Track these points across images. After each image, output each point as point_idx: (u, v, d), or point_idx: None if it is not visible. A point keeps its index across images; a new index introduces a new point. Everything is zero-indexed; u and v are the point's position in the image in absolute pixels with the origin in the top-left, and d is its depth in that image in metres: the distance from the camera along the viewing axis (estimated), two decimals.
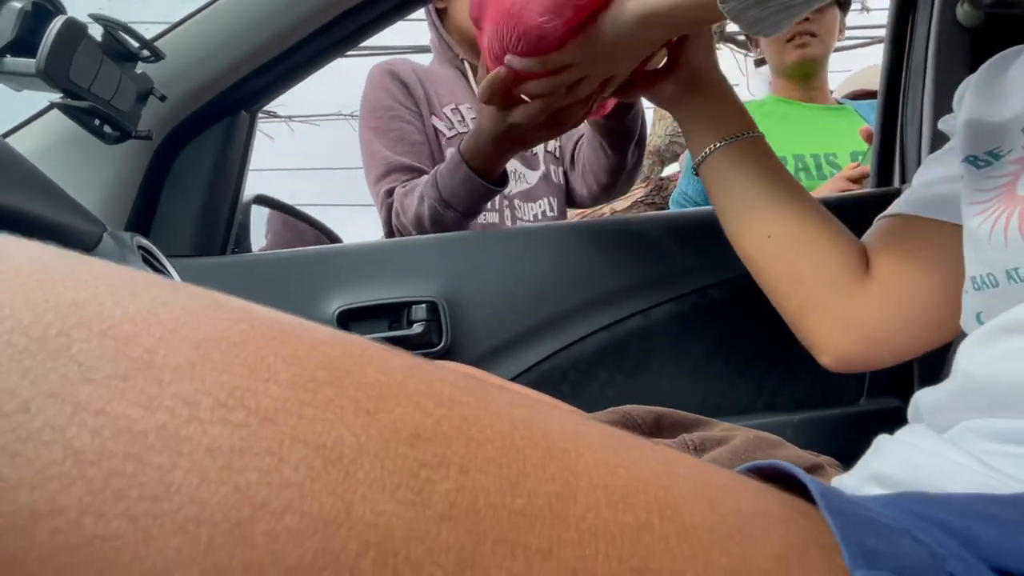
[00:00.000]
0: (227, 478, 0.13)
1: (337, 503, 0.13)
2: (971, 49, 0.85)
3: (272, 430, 0.14)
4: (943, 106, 0.86)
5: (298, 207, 1.16)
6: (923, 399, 0.37)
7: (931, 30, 0.88)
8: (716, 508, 0.17)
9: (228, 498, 0.13)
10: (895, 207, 0.57)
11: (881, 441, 0.36)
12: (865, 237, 0.60)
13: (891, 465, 0.33)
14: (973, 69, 0.89)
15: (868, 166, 1.03)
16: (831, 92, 1.49)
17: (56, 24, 0.59)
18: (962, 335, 0.40)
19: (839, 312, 0.55)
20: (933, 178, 0.54)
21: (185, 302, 0.16)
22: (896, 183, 0.92)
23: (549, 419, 0.18)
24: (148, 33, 0.78)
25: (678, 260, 0.84)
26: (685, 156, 1.42)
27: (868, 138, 1.00)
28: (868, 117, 1.33)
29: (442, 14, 1.18)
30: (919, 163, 0.88)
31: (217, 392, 0.14)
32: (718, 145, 0.60)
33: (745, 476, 0.20)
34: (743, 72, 4.29)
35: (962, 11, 0.85)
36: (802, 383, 0.82)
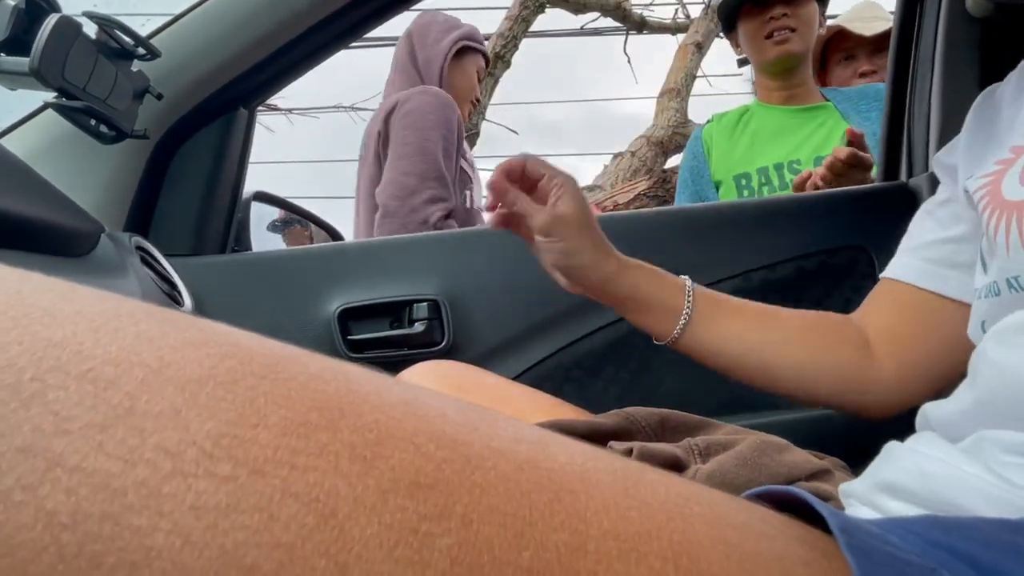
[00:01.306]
0: (212, 539, 0.12)
1: (330, 565, 0.13)
2: (980, 40, 0.84)
3: (262, 483, 0.13)
4: (951, 98, 0.85)
5: (299, 199, 1.15)
6: (933, 411, 0.37)
7: (940, 20, 0.86)
8: (733, 554, 0.16)
9: (213, 562, 0.12)
10: (898, 270, 0.55)
11: (891, 447, 0.35)
12: (869, 302, 0.58)
13: (902, 474, 0.32)
14: (983, 60, 0.88)
15: (848, 149, 0.98)
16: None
17: (50, 22, 0.58)
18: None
19: (864, 405, 0.56)
20: (932, 239, 0.53)
21: (172, 337, 0.15)
22: (903, 176, 0.90)
23: (556, 454, 0.17)
24: (152, 25, 0.77)
25: (684, 256, 0.83)
26: (680, 171, 1.40)
27: (852, 139, 0.97)
28: (850, 112, 1.30)
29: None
30: (927, 156, 0.87)
31: (202, 441, 0.13)
32: (682, 323, 0.56)
33: (761, 506, 0.19)
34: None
35: (971, 1, 0.83)
36: None
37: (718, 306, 0.57)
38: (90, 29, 0.63)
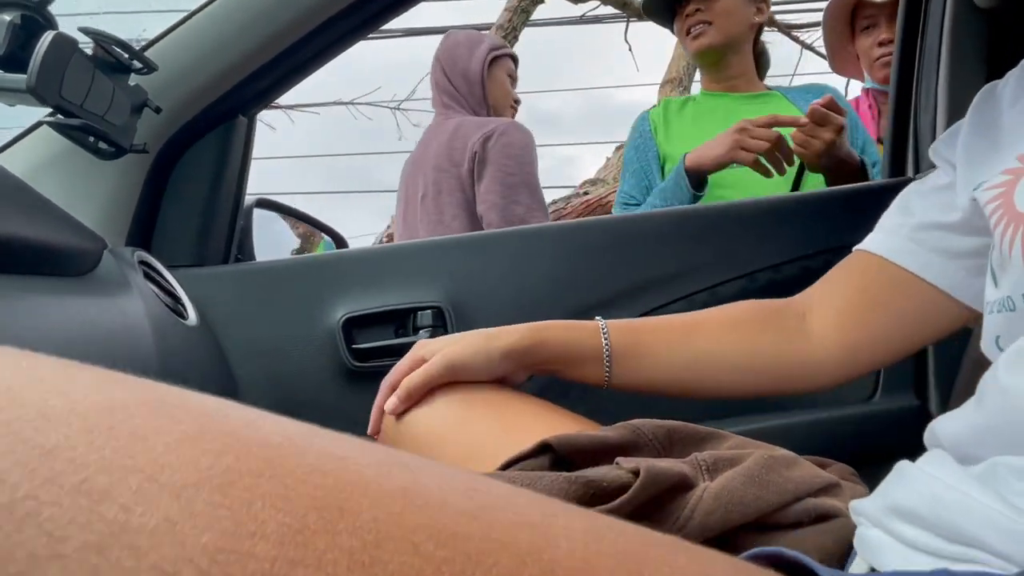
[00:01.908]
0: None
1: None
2: (987, 32, 0.83)
3: None
4: (958, 92, 0.84)
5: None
6: (942, 428, 0.36)
7: (945, 12, 0.85)
8: None
9: None
10: (877, 245, 0.55)
11: (903, 468, 0.35)
12: (833, 274, 0.59)
13: (913, 497, 0.32)
14: (989, 53, 0.86)
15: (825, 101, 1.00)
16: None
17: (46, 40, 0.57)
18: (982, 358, 0.39)
19: (807, 387, 0.57)
20: (923, 221, 0.52)
21: (167, 433, 0.15)
22: (910, 172, 0.89)
23: (558, 539, 0.16)
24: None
25: (688, 257, 0.82)
26: (624, 152, 1.40)
27: (813, 116, 0.99)
28: (799, 102, 1.28)
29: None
30: None
31: (199, 558, 0.13)
32: (607, 364, 0.57)
33: (765, 571, 0.19)
34: None
35: None
36: None
37: (637, 336, 0.57)
38: (87, 45, 0.62)
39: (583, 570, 0.16)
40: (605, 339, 0.57)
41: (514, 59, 1.66)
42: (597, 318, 0.59)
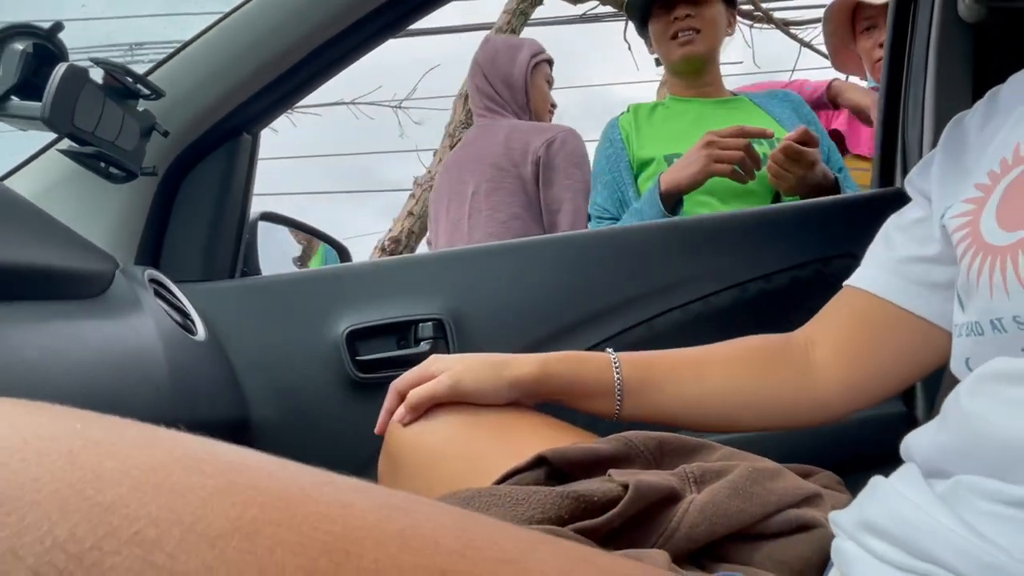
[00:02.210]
0: None
1: None
2: (973, 45, 0.84)
3: None
4: (945, 103, 0.86)
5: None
6: (914, 443, 0.38)
7: (932, 25, 0.87)
8: None
9: None
10: (869, 282, 0.56)
11: (876, 483, 0.37)
12: (830, 310, 0.59)
13: (883, 514, 0.34)
14: (976, 65, 0.88)
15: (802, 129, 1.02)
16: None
17: (58, 72, 0.60)
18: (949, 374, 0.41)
19: (812, 421, 0.59)
20: (906, 255, 0.53)
21: (200, 488, 0.17)
22: (898, 182, 0.91)
23: (532, 574, 0.19)
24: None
25: (682, 268, 0.84)
26: (595, 160, 1.38)
27: (787, 151, 1.00)
28: (766, 106, 1.29)
29: None
30: None
31: None
32: (619, 399, 0.57)
33: None
34: (748, 44, 4.21)
35: (964, 6, 0.83)
36: None
37: (648, 371, 0.58)
38: (96, 74, 0.64)
39: None
40: (617, 374, 0.57)
41: (550, 63, 1.71)
42: (608, 350, 0.59)
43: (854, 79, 1.71)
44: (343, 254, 1.14)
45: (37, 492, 0.16)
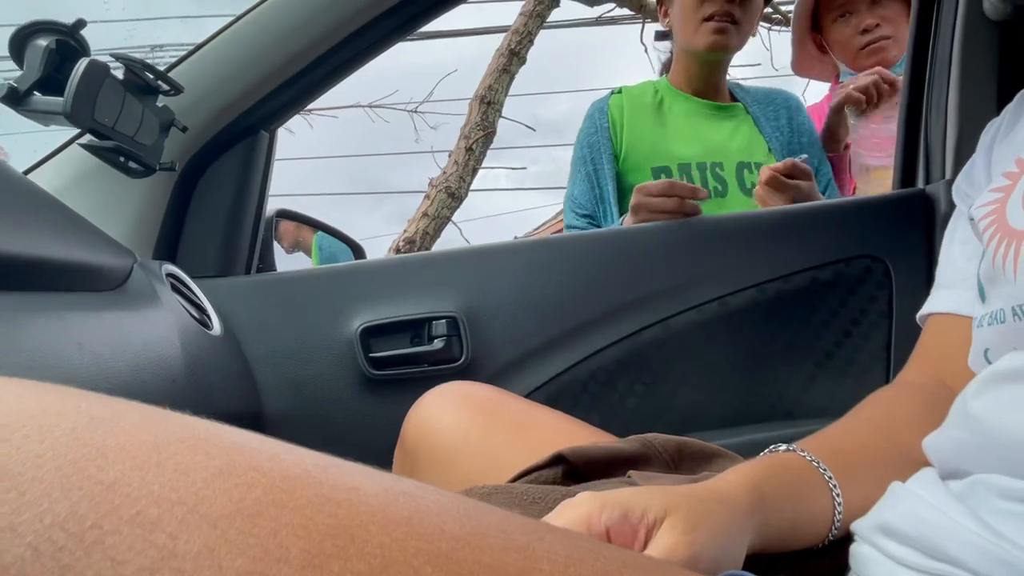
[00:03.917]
0: None
1: None
2: (999, 43, 0.83)
3: None
4: (969, 103, 0.84)
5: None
6: (930, 445, 0.37)
7: (956, 23, 0.85)
8: None
9: None
10: (955, 304, 0.50)
11: (894, 487, 0.36)
12: (936, 344, 0.52)
13: (899, 517, 0.33)
14: (1001, 64, 0.87)
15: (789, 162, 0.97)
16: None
17: (80, 67, 0.61)
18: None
19: None
20: (970, 271, 0.48)
21: (203, 468, 0.17)
22: (920, 183, 0.90)
23: (541, 564, 0.18)
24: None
25: (697, 268, 0.83)
26: (576, 145, 1.24)
27: (771, 183, 0.95)
28: (757, 117, 1.22)
29: None
30: (944, 163, 0.86)
31: None
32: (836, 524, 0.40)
33: None
34: (766, 47, 4.18)
35: (989, 4, 0.82)
36: (824, 390, 0.82)
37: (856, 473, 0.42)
38: (118, 70, 0.65)
39: None
40: (837, 500, 0.40)
41: None
42: (823, 470, 0.42)
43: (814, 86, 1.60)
44: (358, 252, 1.15)
45: (39, 468, 0.16)
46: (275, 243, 1.00)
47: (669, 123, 1.23)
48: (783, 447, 0.44)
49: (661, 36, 1.34)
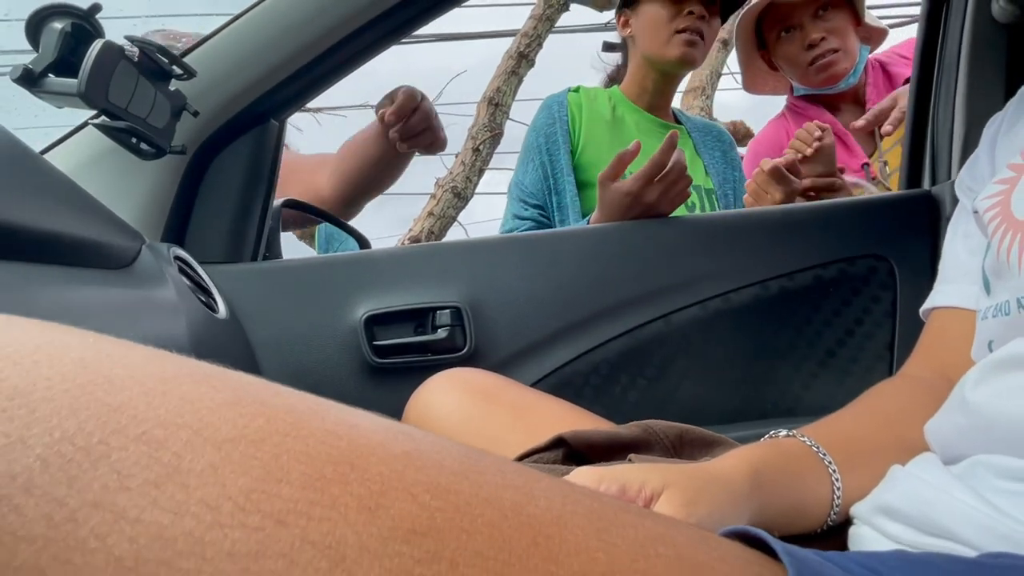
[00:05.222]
0: None
1: None
2: (1007, 46, 0.83)
3: (284, 532, 0.15)
4: (976, 105, 0.84)
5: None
6: (929, 430, 0.38)
7: (965, 26, 0.86)
8: None
9: None
10: (959, 298, 0.50)
11: (894, 471, 0.37)
12: (940, 338, 0.51)
13: (899, 498, 0.33)
14: (1009, 67, 0.87)
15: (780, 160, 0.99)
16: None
17: (95, 48, 0.61)
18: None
19: None
20: (974, 266, 0.48)
21: (209, 398, 0.18)
22: (926, 184, 0.90)
23: (538, 498, 0.19)
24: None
25: (701, 264, 0.84)
26: (528, 134, 1.23)
27: (771, 171, 0.98)
28: (698, 141, 1.24)
29: None
30: (950, 164, 0.86)
31: (236, 496, 0.16)
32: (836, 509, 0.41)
33: (727, 542, 0.21)
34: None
35: (998, 7, 0.82)
36: (825, 388, 0.82)
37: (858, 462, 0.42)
38: (132, 52, 0.66)
39: (557, 523, 0.18)
40: (836, 484, 0.40)
41: None
42: (823, 455, 0.42)
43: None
44: (364, 245, 1.15)
45: (48, 389, 0.16)
46: (282, 232, 1.01)
47: (624, 134, 1.23)
48: (783, 432, 0.44)
49: (610, 47, 1.35)
